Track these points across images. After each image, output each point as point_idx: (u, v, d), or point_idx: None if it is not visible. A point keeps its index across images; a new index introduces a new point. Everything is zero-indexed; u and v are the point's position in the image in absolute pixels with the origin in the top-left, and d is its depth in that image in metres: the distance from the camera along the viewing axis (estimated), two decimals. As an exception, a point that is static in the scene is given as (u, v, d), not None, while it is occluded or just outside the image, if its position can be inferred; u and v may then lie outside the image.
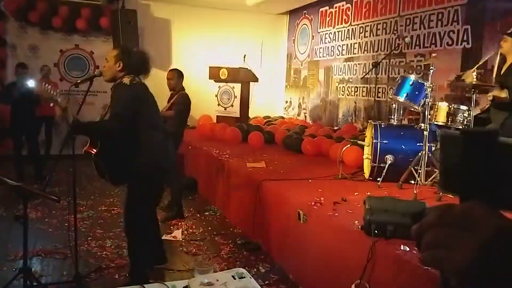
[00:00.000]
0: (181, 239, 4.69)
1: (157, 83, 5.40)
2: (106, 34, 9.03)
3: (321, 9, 8.94)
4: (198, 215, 5.57)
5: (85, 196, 6.00)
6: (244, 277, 1.81)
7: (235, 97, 8.31)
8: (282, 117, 9.93)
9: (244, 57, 8.21)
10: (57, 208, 5.44)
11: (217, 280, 1.78)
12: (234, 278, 1.81)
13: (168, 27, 9.62)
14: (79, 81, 3.85)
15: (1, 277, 3.65)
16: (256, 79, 8.39)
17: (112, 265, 3.99)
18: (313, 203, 3.79)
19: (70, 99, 3.56)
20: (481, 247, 0.50)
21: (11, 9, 8.43)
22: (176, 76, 5.50)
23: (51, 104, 3.62)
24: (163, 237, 4.70)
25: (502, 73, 4.30)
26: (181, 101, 5.33)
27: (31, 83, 6.77)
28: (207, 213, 5.72)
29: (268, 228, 4.43)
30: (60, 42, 8.93)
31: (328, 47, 8.71)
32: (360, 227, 3.08)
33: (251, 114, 9.00)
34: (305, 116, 9.53)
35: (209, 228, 5.13)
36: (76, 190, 3.72)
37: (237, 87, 8.27)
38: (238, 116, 8.27)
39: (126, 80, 3.40)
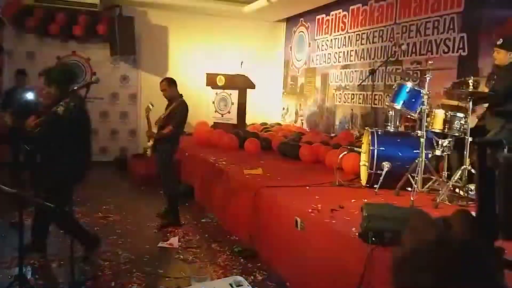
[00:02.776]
0: (177, 247, 4.67)
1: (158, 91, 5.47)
2: (103, 40, 9.02)
3: (318, 17, 8.98)
4: (195, 222, 5.55)
5: (80, 203, 5.95)
6: (242, 285, 1.81)
7: (232, 103, 8.32)
8: (279, 124, 9.94)
9: (241, 63, 8.22)
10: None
11: (214, 288, 1.77)
12: (232, 286, 1.80)
13: (165, 34, 9.63)
14: (75, 87, 3.83)
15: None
16: (253, 86, 8.41)
17: (108, 272, 3.96)
18: (310, 210, 3.78)
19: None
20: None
21: (8, 16, 8.41)
22: (167, 85, 5.49)
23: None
24: (160, 245, 4.69)
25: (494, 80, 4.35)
26: (178, 110, 5.31)
27: (30, 95, 6.77)
28: (203, 220, 5.70)
29: (265, 235, 4.41)
30: (57, 48, 8.91)
31: (324, 54, 8.74)
32: (357, 234, 3.07)
33: (248, 121, 9.00)
34: (302, 123, 9.54)
35: (206, 235, 5.11)
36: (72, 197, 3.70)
37: (234, 94, 8.27)
38: (235, 122, 8.27)
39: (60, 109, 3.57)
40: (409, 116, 4.86)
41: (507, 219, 0.63)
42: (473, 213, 0.65)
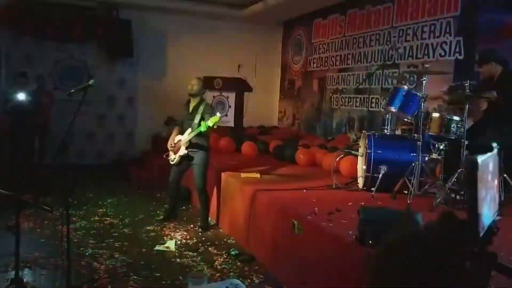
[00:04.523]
0: (174, 250, 4.66)
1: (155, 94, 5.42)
2: (101, 44, 9.02)
3: (315, 21, 9.00)
4: (192, 225, 5.54)
5: (77, 206, 5.95)
6: (238, 288, 1.81)
7: (229, 106, 8.33)
8: (276, 127, 9.95)
9: (239, 67, 8.24)
10: (49, 218, 5.38)
11: (211, 291, 1.77)
12: (228, 289, 1.80)
13: (163, 37, 9.63)
14: (72, 90, 3.82)
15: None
16: (250, 89, 8.43)
17: (104, 276, 3.95)
18: (307, 214, 3.78)
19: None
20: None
21: (5, 19, 8.39)
22: (202, 83, 5.47)
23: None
24: (156, 248, 4.68)
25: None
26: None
27: (21, 96, 6.76)
28: (200, 223, 5.68)
29: (262, 238, 4.41)
30: (55, 51, 8.90)
31: (322, 57, 8.76)
32: (354, 237, 3.08)
33: (245, 124, 9.01)
34: (299, 126, 9.55)
35: (203, 238, 5.10)
36: (69, 200, 3.69)
37: (231, 97, 8.29)
38: (232, 125, 8.27)
39: None
40: (405, 120, 4.87)
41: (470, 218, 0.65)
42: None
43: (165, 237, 5.05)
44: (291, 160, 6.62)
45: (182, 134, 5.30)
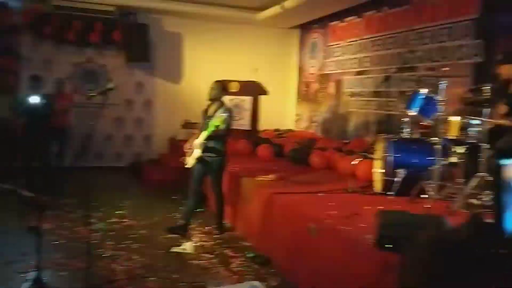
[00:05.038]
0: (191, 252, 4.68)
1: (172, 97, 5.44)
2: (119, 47, 9.14)
3: (331, 23, 8.98)
4: (209, 228, 5.57)
5: (96, 208, 6.02)
6: (257, 290, 1.82)
7: (245, 110, 8.36)
8: (292, 130, 9.94)
9: (255, 70, 8.27)
10: (68, 220, 5.47)
11: (230, 293, 1.78)
12: (247, 291, 1.81)
13: (180, 40, 9.72)
14: (94, 93, 3.88)
15: (13, 288, 3.69)
16: (266, 92, 8.45)
17: (123, 277, 3.99)
18: (324, 217, 3.77)
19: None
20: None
21: (26, 23, 8.58)
22: (220, 87, 5.36)
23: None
24: (173, 250, 4.71)
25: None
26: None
27: (34, 99, 6.84)
28: (215, 226, 5.70)
29: (278, 241, 4.41)
30: (73, 55, 9.05)
31: (338, 60, 8.73)
32: (372, 241, 3.06)
33: (261, 127, 9.02)
34: (316, 129, 9.53)
35: (219, 241, 5.12)
36: (89, 202, 3.75)
37: (247, 100, 8.32)
38: (248, 129, 8.30)
39: None
40: (424, 123, 4.83)
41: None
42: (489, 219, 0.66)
43: (181, 239, 5.07)
44: (306, 163, 6.61)
45: None
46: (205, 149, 5.07)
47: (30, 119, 6.93)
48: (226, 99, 5.40)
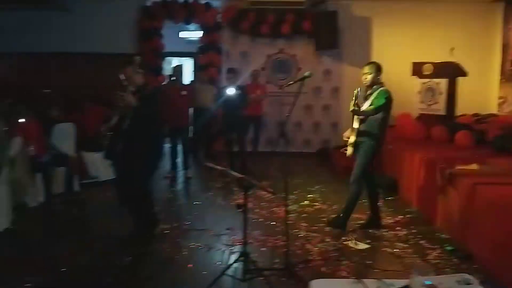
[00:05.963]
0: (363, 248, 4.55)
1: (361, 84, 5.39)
2: (308, 37, 9.42)
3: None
4: (401, 216, 5.39)
5: (289, 191, 6.33)
6: (471, 284, 1.69)
7: (440, 93, 7.78)
8: (495, 115, 8.90)
9: (451, 50, 7.63)
10: (265, 200, 5.91)
11: (441, 283, 1.69)
12: (459, 284, 1.70)
13: (368, 25, 9.53)
14: (292, 82, 4.09)
15: (223, 258, 4.15)
16: (464, 74, 7.72)
17: (318, 258, 4.14)
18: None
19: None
20: None
21: (226, 20, 9.48)
22: (375, 68, 5.21)
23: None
24: (346, 243, 4.57)
25: None
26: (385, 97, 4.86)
27: (230, 90, 7.39)
28: (408, 215, 5.49)
29: (483, 236, 4.02)
30: (267, 47, 9.66)
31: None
32: None
33: (458, 112, 8.30)
34: (524, 114, 8.36)
35: (412, 230, 4.91)
36: (286, 185, 3.97)
37: (442, 83, 7.72)
38: (443, 113, 7.72)
39: None
40: None
41: None
42: None
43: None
44: (514, 151, 5.85)
45: None
46: (358, 133, 4.85)
47: (227, 109, 7.61)
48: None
